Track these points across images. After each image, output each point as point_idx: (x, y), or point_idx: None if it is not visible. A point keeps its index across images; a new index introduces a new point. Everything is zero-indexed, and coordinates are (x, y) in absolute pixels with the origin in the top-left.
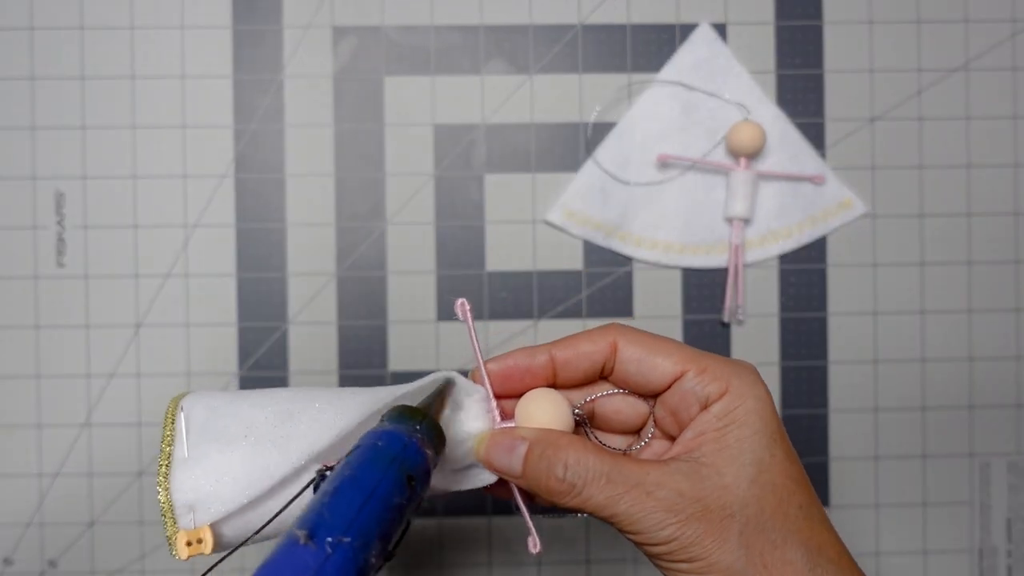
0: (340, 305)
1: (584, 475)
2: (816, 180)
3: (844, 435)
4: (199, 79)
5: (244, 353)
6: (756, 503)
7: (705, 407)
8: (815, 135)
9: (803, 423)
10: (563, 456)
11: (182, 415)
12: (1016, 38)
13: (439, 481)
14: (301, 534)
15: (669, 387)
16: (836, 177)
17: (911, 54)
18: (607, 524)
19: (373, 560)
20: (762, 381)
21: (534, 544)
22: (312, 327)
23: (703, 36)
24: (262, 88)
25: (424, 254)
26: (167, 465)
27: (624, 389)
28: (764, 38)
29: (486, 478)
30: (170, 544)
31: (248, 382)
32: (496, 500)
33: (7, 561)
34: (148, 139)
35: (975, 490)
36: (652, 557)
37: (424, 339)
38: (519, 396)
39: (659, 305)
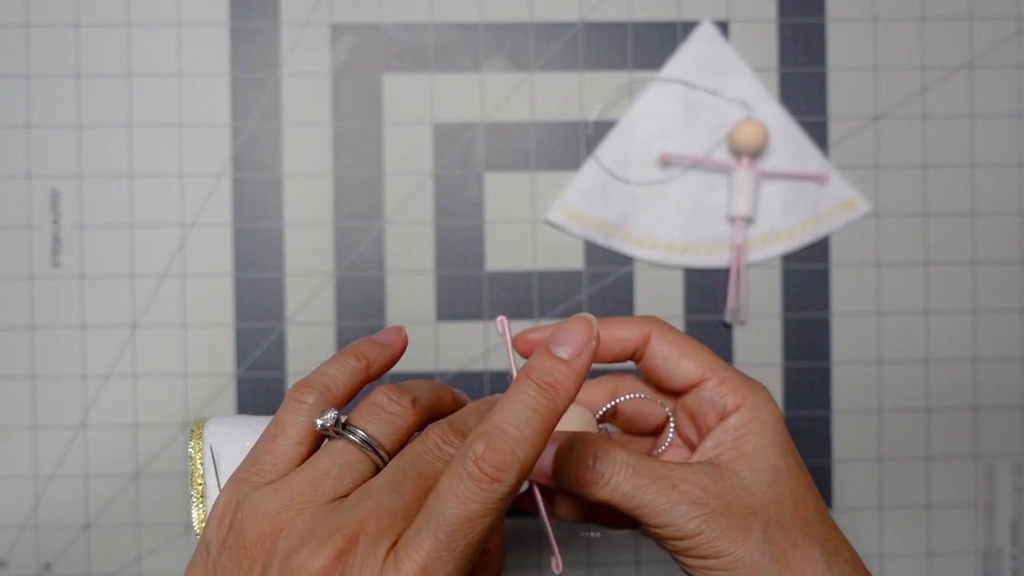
0: (338, 305)
1: (612, 466)
2: (819, 179)
3: (847, 437)
4: (196, 77)
5: (241, 354)
6: (776, 504)
7: (722, 418)
8: (818, 134)
9: (806, 425)
10: (592, 449)
11: (209, 447)
12: (1021, 36)
13: None
14: None
15: (690, 390)
16: (839, 176)
17: (915, 52)
18: (632, 530)
19: None
20: (773, 400)
21: (557, 565)
22: (310, 327)
23: (705, 34)
24: (259, 86)
25: (423, 254)
26: (201, 498)
27: (642, 394)
28: (767, 36)
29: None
30: None
31: (246, 383)
32: None
33: (2, 564)
34: (144, 138)
35: (980, 492)
36: (678, 554)
37: (423, 339)
38: None
39: (661, 305)
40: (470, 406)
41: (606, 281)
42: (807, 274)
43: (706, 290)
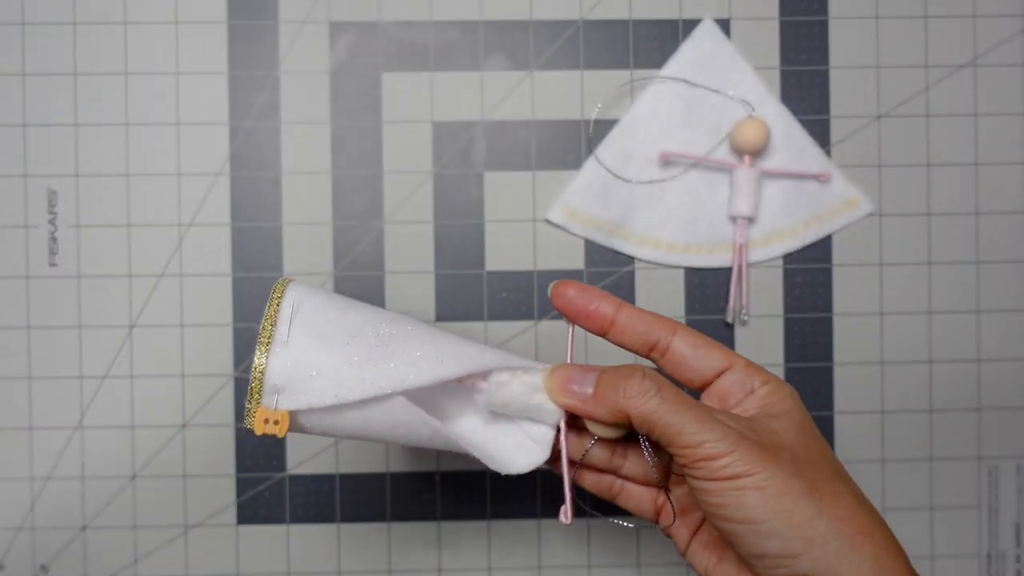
0: None
1: (659, 381)
2: (821, 178)
3: (849, 437)
4: (193, 75)
5: (240, 355)
6: (804, 448)
7: (750, 393)
8: (820, 132)
9: None
10: (636, 375)
11: (291, 298)
12: None
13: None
14: None
15: (715, 379)
16: (841, 175)
17: (918, 50)
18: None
19: None
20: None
21: (566, 514)
22: None
23: (706, 32)
24: (258, 85)
25: (423, 253)
26: (268, 342)
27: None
28: (768, 34)
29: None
30: (247, 416)
31: (244, 384)
32: (495, 504)
33: None
34: (142, 136)
35: (983, 494)
36: (710, 480)
37: None
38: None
39: (662, 305)
40: None
41: (607, 281)
42: (809, 274)
43: (707, 290)
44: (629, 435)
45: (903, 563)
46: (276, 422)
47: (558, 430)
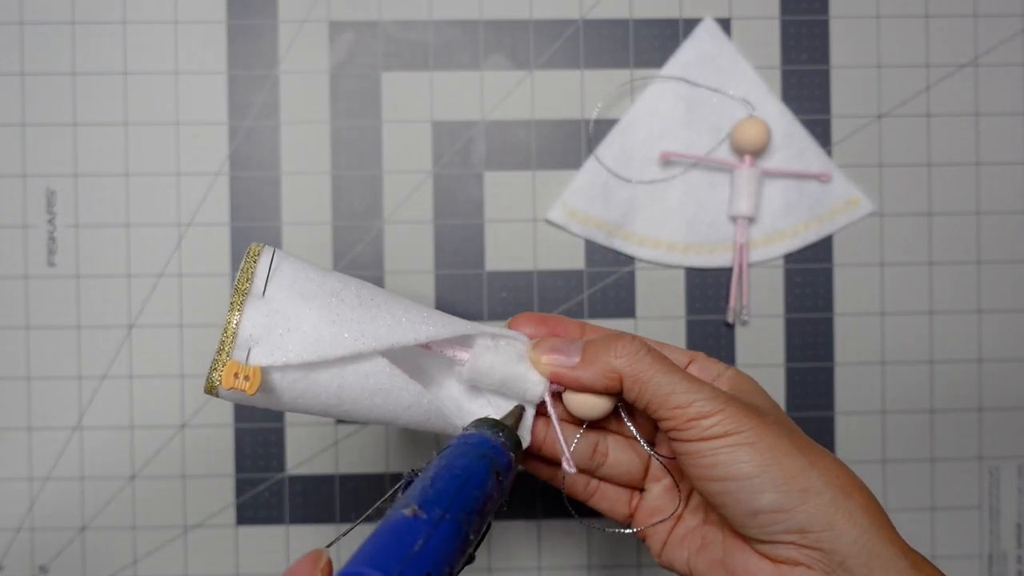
0: None
1: (647, 344)
2: (822, 178)
3: (850, 438)
4: (193, 75)
5: None
6: (782, 415)
7: (715, 378)
8: (821, 132)
9: (809, 426)
10: (626, 337)
11: (270, 255)
12: None
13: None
14: (411, 508)
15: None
16: (842, 175)
17: (919, 49)
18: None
19: (472, 536)
20: None
21: (569, 463)
22: None
23: (707, 31)
24: (257, 84)
25: (422, 253)
26: (243, 295)
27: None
28: (769, 33)
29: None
30: (214, 370)
31: None
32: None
33: None
34: (141, 136)
35: (984, 494)
36: (700, 440)
37: None
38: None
39: (662, 305)
40: None
41: (607, 281)
42: (810, 274)
43: (708, 290)
44: (607, 421)
45: (887, 519)
46: (247, 377)
47: (536, 415)
